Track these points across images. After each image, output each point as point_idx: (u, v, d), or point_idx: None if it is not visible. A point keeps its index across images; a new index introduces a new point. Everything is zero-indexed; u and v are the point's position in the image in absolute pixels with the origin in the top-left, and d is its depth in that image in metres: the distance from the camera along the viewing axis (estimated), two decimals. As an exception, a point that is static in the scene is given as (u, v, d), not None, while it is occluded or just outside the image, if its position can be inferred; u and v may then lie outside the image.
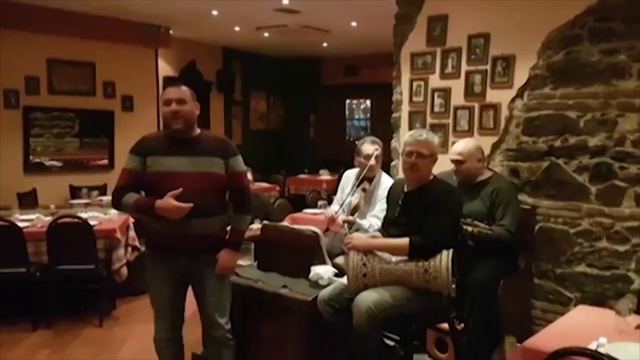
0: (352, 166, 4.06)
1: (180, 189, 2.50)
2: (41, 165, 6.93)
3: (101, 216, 4.71)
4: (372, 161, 3.73)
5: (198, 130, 2.74)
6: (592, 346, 1.97)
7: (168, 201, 2.49)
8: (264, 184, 7.75)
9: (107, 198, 6.00)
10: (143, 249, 4.64)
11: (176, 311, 2.78)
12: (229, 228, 2.81)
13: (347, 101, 11.57)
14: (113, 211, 4.89)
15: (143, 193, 2.67)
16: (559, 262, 3.57)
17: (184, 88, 2.71)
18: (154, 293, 2.77)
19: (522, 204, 3.53)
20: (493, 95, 3.82)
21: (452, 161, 3.37)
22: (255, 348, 3.04)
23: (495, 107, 3.79)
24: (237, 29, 8.03)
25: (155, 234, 2.70)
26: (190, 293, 2.84)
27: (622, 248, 3.34)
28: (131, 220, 4.72)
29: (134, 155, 2.66)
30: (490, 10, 3.80)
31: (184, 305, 2.83)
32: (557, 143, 3.55)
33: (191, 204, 2.50)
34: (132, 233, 4.68)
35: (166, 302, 2.74)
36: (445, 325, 3.06)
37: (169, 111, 2.61)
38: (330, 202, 4.76)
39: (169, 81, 8.61)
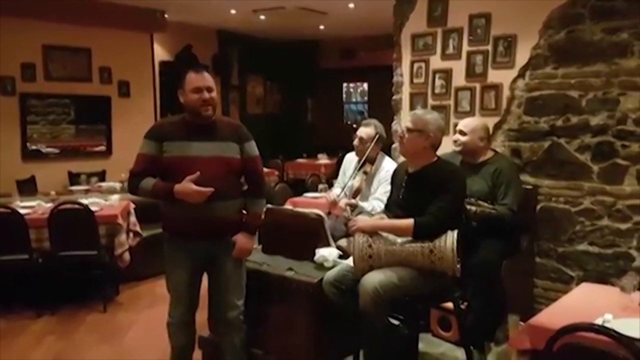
0: (351, 149, 4.06)
1: (198, 173, 2.51)
2: (38, 153, 6.91)
3: (102, 202, 4.71)
4: (364, 144, 3.72)
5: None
6: (598, 322, 1.99)
7: (188, 185, 2.50)
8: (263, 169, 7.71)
9: (107, 184, 6.00)
10: (145, 234, 4.68)
11: (193, 296, 2.79)
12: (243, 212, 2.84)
13: (344, 84, 11.52)
14: (113, 197, 4.89)
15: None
16: (560, 241, 3.59)
17: (208, 75, 2.68)
18: (172, 278, 2.77)
19: (524, 184, 3.54)
20: (494, 76, 3.81)
21: (457, 131, 3.43)
22: (262, 330, 3.06)
23: (497, 88, 3.79)
24: (233, 11, 7.96)
25: (174, 219, 2.70)
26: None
27: (623, 226, 3.37)
28: (132, 205, 4.71)
29: (149, 140, 2.66)
30: (492, -10, 3.78)
31: (200, 290, 2.85)
32: (559, 123, 3.55)
33: (212, 189, 2.52)
34: (133, 218, 4.68)
35: (184, 287, 2.74)
36: (449, 305, 3.09)
37: (200, 99, 2.61)
38: (330, 185, 4.76)
39: (165, 66, 8.58)
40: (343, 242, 3.27)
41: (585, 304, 2.35)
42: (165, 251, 2.77)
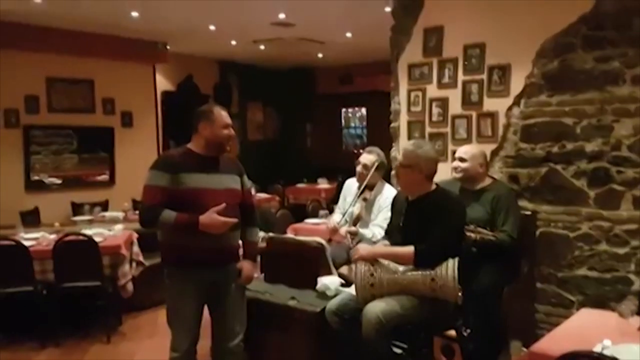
0: (350, 174, 4.12)
1: (224, 205, 2.60)
2: (41, 183, 6.96)
3: (105, 232, 4.74)
4: (367, 171, 3.77)
5: None
6: (597, 348, 2.01)
7: (214, 217, 2.58)
8: (264, 195, 7.78)
9: (110, 214, 6.05)
10: (147, 264, 4.71)
11: (197, 326, 2.81)
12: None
13: (343, 110, 11.65)
14: (117, 227, 4.93)
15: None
16: (560, 266, 3.62)
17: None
18: (179, 311, 2.75)
19: (523, 210, 3.58)
20: (490, 104, 3.89)
21: (456, 158, 3.48)
22: (265, 360, 3.08)
23: (493, 116, 3.86)
24: (233, 42, 8.11)
25: (185, 250, 2.69)
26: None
27: (621, 250, 3.41)
28: (135, 235, 4.75)
29: (161, 172, 2.66)
30: (485, 21, 3.87)
31: (202, 321, 2.86)
32: (555, 149, 3.61)
33: (235, 219, 2.65)
34: (136, 248, 4.71)
35: (192, 318, 2.76)
36: (452, 332, 3.10)
37: (228, 135, 2.76)
38: (330, 211, 4.80)
39: (168, 96, 8.70)
40: (344, 270, 3.31)
41: (585, 329, 2.37)
42: (170, 283, 2.76)
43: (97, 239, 4.35)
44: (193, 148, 2.76)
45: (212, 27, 6.95)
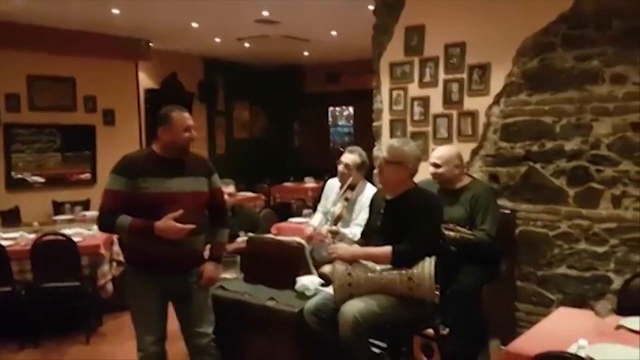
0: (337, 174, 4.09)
1: (181, 211, 2.53)
2: (24, 182, 6.89)
3: (85, 232, 4.69)
4: (349, 170, 3.76)
5: None
6: (573, 348, 2.02)
7: (170, 223, 2.52)
8: (249, 194, 7.75)
9: (91, 213, 5.97)
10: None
11: (163, 325, 2.79)
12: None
13: (331, 109, 11.64)
14: (96, 227, 4.87)
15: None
16: (540, 265, 3.64)
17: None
18: (142, 310, 2.73)
19: (502, 209, 3.59)
20: (471, 103, 3.89)
21: (431, 164, 3.45)
22: (244, 361, 3.06)
23: (473, 115, 3.86)
24: (217, 40, 8.06)
25: (144, 254, 2.67)
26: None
27: (601, 249, 3.42)
28: (115, 236, 4.70)
29: (120, 176, 2.61)
30: (466, 20, 3.88)
31: (167, 320, 2.84)
32: (535, 148, 3.62)
33: (193, 226, 2.57)
34: (116, 248, 4.67)
35: (156, 318, 2.73)
36: (432, 331, 3.10)
37: (190, 137, 2.69)
38: (315, 210, 4.78)
39: (151, 94, 8.62)
40: (327, 269, 3.28)
41: (562, 329, 2.37)
42: (132, 284, 2.74)
43: (76, 239, 4.31)
44: (157, 150, 2.71)
45: (194, 25, 6.89)
